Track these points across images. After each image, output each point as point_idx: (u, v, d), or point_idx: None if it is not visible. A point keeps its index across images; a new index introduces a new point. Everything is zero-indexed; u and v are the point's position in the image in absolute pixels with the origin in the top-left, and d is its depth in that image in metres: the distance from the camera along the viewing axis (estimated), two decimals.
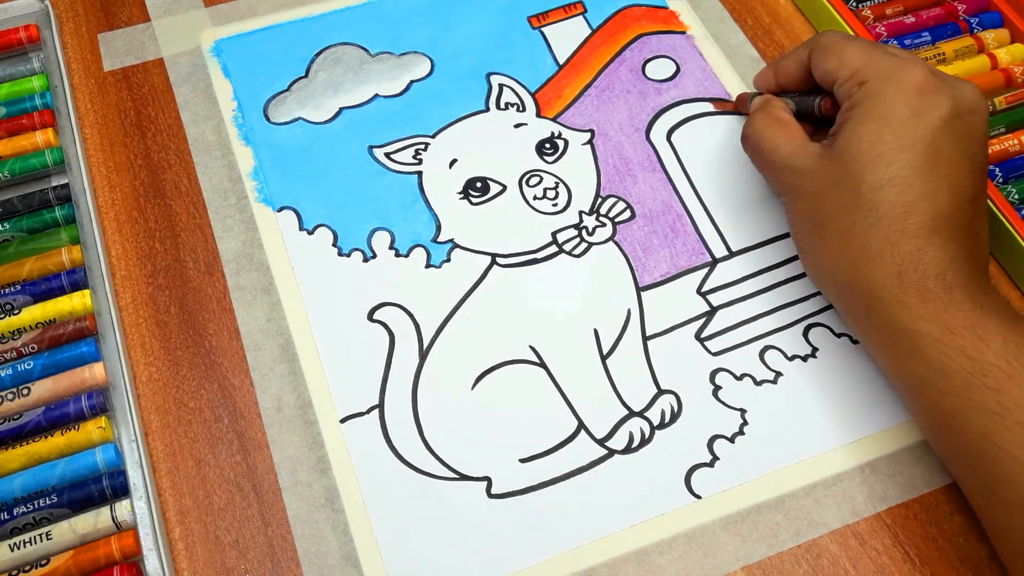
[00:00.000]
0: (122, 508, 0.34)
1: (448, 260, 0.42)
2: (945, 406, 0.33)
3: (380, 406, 0.38)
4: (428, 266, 0.41)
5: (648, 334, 0.40)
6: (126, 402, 0.37)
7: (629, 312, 0.40)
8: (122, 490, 0.35)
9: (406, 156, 0.45)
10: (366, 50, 0.48)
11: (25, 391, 0.37)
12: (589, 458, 0.37)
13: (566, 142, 0.45)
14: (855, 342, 0.40)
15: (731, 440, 0.37)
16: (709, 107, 0.47)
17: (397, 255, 0.42)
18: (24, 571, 0.33)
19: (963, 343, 0.32)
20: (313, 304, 0.40)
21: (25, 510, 0.34)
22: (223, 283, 0.41)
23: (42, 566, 0.33)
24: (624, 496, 0.36)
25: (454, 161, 0.44)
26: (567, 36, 0.49)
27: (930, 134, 0.35)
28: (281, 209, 0.43)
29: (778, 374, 0.39)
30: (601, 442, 0.37)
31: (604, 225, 0.43)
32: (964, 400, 0.32)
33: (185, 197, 0.43)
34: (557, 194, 0.43)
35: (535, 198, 0.43)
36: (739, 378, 0.39)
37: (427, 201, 0.43)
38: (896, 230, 0.34)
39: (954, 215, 0.34)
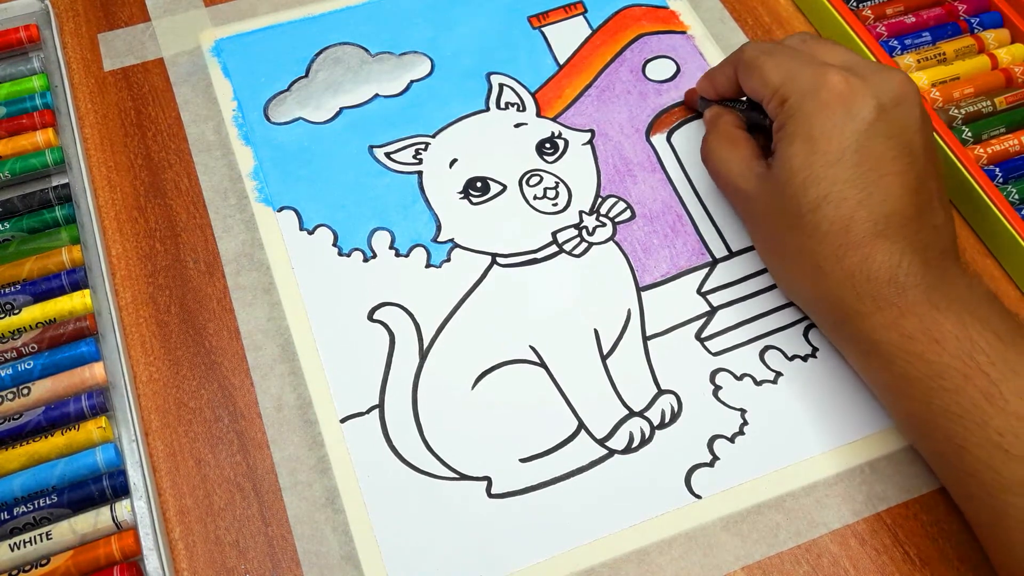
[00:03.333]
0: (122, 508, 0.34)
1: (448, 260, 0.42)
2: (913, 411, 0.34)
3: (380, 406, 0.38)
4: (428, 266, 0.41)
5: (648, 334, 0.40)
6: (126, 402, 0.37)
7: (629, 312, 0.40)
8: (122, 490, 0.35)
9: (406, 156, 0.45)
10: (366, 50, 0.48)
11: (25, 391, 0.37)
12: (589, 458, 0.37)
13: (566, 142, 0.45)
14: None
15: (731, 440, 0.37)
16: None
17: (397, 255, 0.42)
18: (24, 571, 0.33)
19: (920, 348, 0.33)
20: (313, 304, 0.40)
21: (25, 510, 0.34)
22: (223, 283, 0.41)
23: (42, 566, 0.33)
24: (624, 496, 0.36)
25: (454, 161, 0.44)
26: (567, 36, 0.49)
27: (855, 141, 0.35)
28: (281, 209, 0.43)
29: (778, 374, 0.39)
30: (601, 442, 0.37)
31: (604, 225, 0.43)
32: (928, 405, 0.33)
33: (185, 197, 0.43)
34: (557, 194, 0.43)
35: (535, 198, 0.43)
36: (739, 378, 0.39)
37: (427, 201, 0.43)
38: (840, 244, 0.35)
39: (896, 214, 0.34)
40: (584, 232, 0.42)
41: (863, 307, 0.34)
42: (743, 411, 0.38)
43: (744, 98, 0.42)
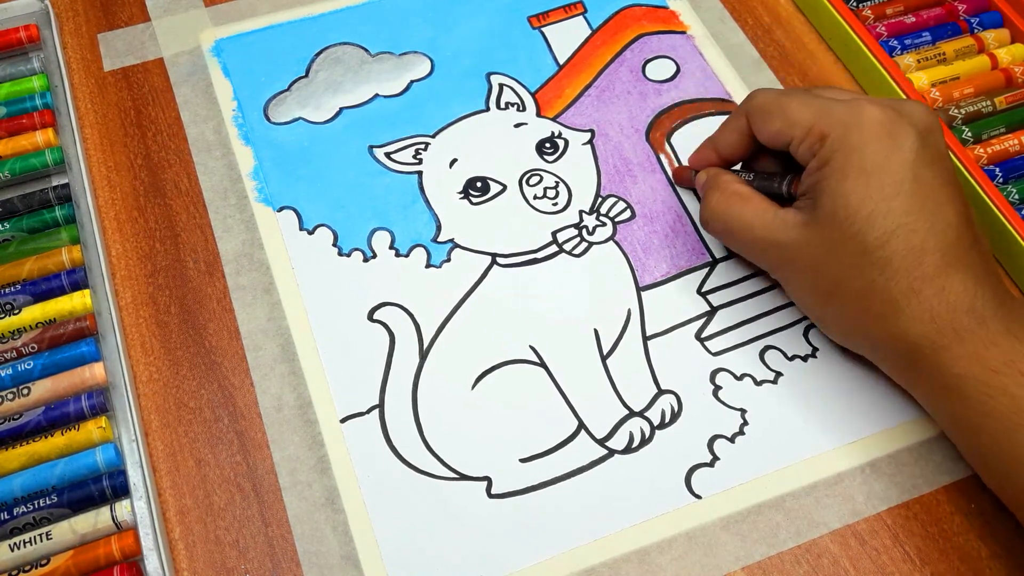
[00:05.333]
0: (122, 508, 0.34)
1: (448, 260, 0.42)
2: (994, 450, 0.33)
3: (380, 406, 0.38)
4: (428, 266, 0.41)
5: (648, 334, 0.40)
6: (126, 402, 0.37)
7: (629, 312, 0.40)
8: (122, 490, 0.35)
9: (406, 156, 0.45)
10: (366, 50, 0.48)
11: (25, 391, 0.37)
12: (589, 458, 0.37)
13: (566, 142, 0.45)
14: None
15: (731, 440, 0.37)
16: (709, 108, 0.47)
17: (397, 255, 0.42)
18: (24, 571, 0.33)
19: (1005, 381, 0.32)
20: (313, 304, 0.40)
21: (25, 510, 0.34)
22: (223, 283, 0.41)
23: (42, 566, 0.33)
24: (624, 496, 0.36)
25: (454, 161, 0.44)
26: (567, 36, 0.49)
27: (910, 171, 0.34)
28: (281, 209, 0.43)
29: (778, 374, 0.39)
30: (601, 442, 0.37)
31: (604, 225, 0.43)
32: (1010, 441, 0.32)
33: (185, 197, 0.43)
34: (557, 193, 0.43)
35: (535, 198, 0.43)
36: (739, 378, 0.39)
37: (427, 201, 0.43)
38: (916, 277, 0.33)
39: (959, 241, 0.34)
40: (584, 232, 0.42)
41: (944, 340, 0.33)
42: (743, 411, 0.38)
43: (748, 171, 0.40)
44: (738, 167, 0.41)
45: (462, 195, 0.43)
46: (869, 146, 0.34)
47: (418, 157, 0.45)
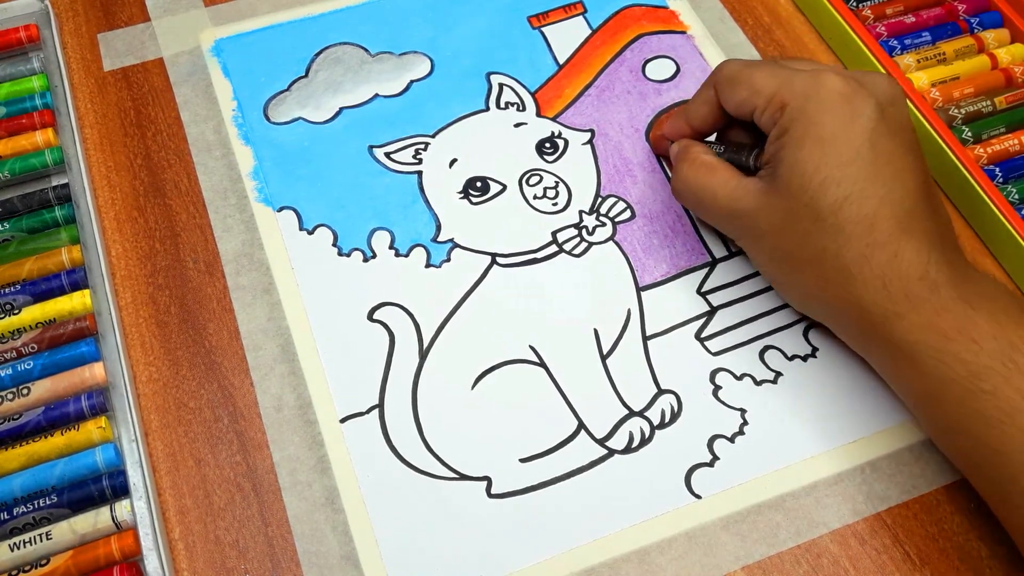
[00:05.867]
0: (122, 508, 0.34)
1: (448, 260, 0.42)
2: (947, 416, 0.33)
3: (380, 406, 0.38)
4: (428, 266, 0.41)
5: (648, 334, 0.40)
6: (126, 402, 0.37)
7: (629, 312, 0.40)
8: (122, 490, 0.35)
9: (406, 156, 0.45)
10: (366, 50, 0.48)
11: (25, 391, 0.37)
12: (589, 458, 0.37)
13: (566, 142, 0.45)
14: None
15: (731, 440, 0.37)
16: None
17: (397, 255, 0.42)
18: (24, 571, 0.33)
19: (957, 348, 0.32)
20: (313, 304, 0.40)
21: (25, 510, 0.34)
22: (223, 283, 0.41)
23: (42, 566, 0.33)
24: (624, 496, 0.36)
25: (454, 161, 0.44)
26: (567, 36, 0.49)
27: (867, 139, 0.34)
28: (281, 209, 0.43)
29: (778, 374, 0.39)
30: (601, 442, 0.37)
31: (604, 225, 0.43)
32: (964, 407, 0.32)
33: (185, 197, 0.43)
34: (557, 193, 0.43)
35: (535, 197, 0.43)
36: (739, 378, 0.39)
37: (427, 201, 0.43)
38: (867, 244, 0.34)
39: (916, 209, 0.34)
40: (584, 232, 0.42)
41: (897, 307, 0.33)
42: (743, 411, 0.38)
43: (719, 143, 0.41)
44: (712, 139, 0.42)
45: (462, 195, 0.43)
46: (827, 114, 0.35)
47: (418, 157, 0.45)
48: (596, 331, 0.40)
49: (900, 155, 0.35)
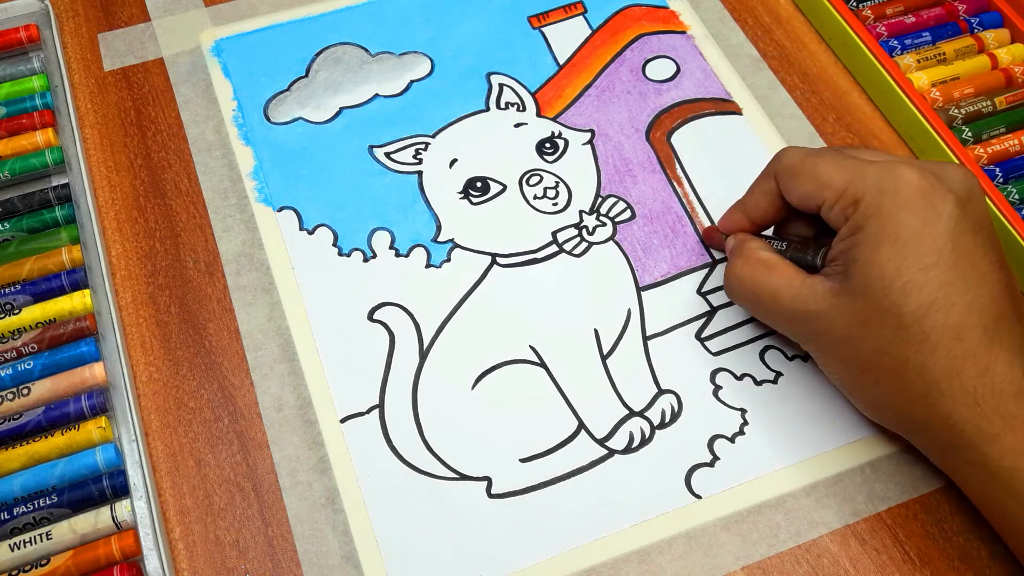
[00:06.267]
0: (122, 508, 0.34)
1: (448, 260, 0.42)
2: None
3: (380, 406, 0.38)
4: (428, 266, 0.41)
5: (648, 334, 0.40)
6: (126, 402, 0.37)
7: (629, 312, 0.40)
8: (122, 490, 0.35)
9: (406, 156, 0.45)
10: (366, 50, 0.48)
11: (25, 391, 0.37)
12: (589, 458, 0.37)
13: (566, 142, 0.45)
14: None
15: (731, 440, 0.37)
16: (709, 108, 0.47)
17: (397, 255, 0.42)
18: (24, 571, 0.33)
19: None
20: (313, 304, 0.40)
21: (25, 510, 0.34)
22: (223, 283, 0.41)
23: (42, 566, 0.33)
24: (624, 496, 0.36)
25: (454, 161, 0.44)
26: (567, 36, 0.49)
27: (950, 240, 0.32)
28: (281, 209, 0.43)
29: (778, 374, 0.39)
30: (601, 442, 0.37)
31: (604, 225, 0.43)
32: None
33: (185, 197, 0.43)
34: (557, 193, 0.43)
35: (535, 197, 0.43)
36: (739, 378, 0.39)
37: (427, 201, 0.43)
38: (956, 356, 0.31)
39: (1003, 316, 0.32)
40: (584, 232, 0.42)
41: (991, 427, 0.31)
42: (743, 411, 0.38)
43: (780, 239, 0.38)
44: (770, 231, 0.40)
45: (462, 195, 0.43)
46: (905, 213, 0.32)
47: (418, 157, 0.45)
48: (596, 331, 0.40)
49: (982, 255, 0.32)
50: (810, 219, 0.38)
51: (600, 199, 0.43)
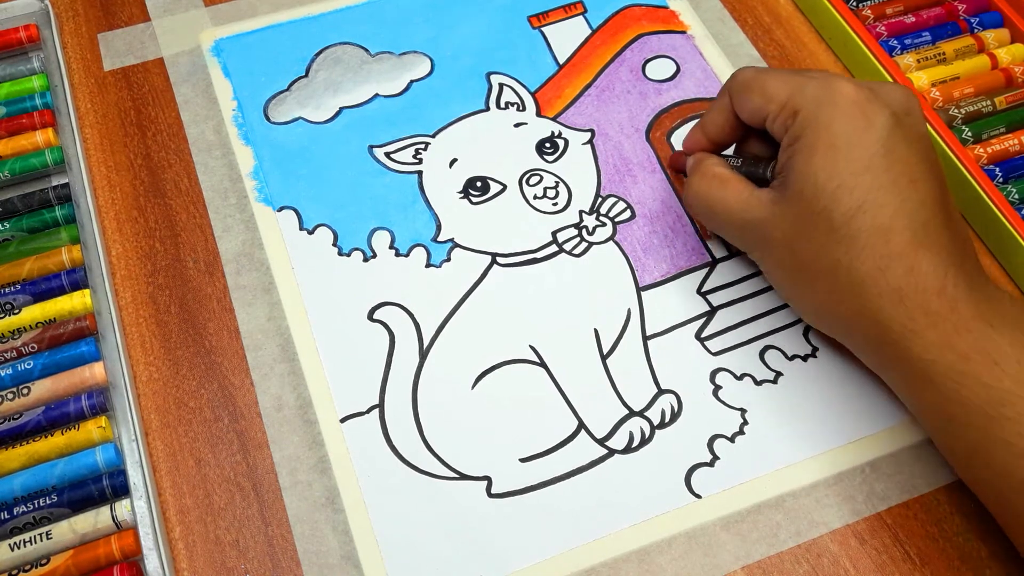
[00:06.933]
0: (122, 508, 0.34)
1: (448, 260, 0.42)
2: (968, 440, 0.32)
3: (380, 406, 0.38)
4: (428, 266, 0.41)
5: (648, 334, 0.40)
6: (126, 402, 0.37)
7: (629, 312, 0.40)
8: (122, 490, 0.35)
9: (406, 156, 0.45)
10: (366, 50, 0.48)
11: (25, 391, 0.37)
12: (589, 458, 0.37)
13: (566, 142, 0.45)
14: None
15: (731, 440, 0.37)
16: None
17: (397, 255, 0.42)
18: (24, 571, 0.33)
19: (978, 370, 0.31)
20: (313, 304, 0.40)
21: (25, 509, 0.34)
22: (223, 283, 0.41)
23: (42, 566, 0.33)
24: (624, 496, 0.36)
25: (454, 160, 0.44)
26: (567, 36, 0.49)
27: (882, 147, 0.33)
28: (281, 209, 0.43)
29: (778, 374, 0.39)
30: (601, 442, 0.37)
31: (604, 225, 0.43)
32: (986, 433, 0.31)
33: (185, 197, 0.43)
34: (557, 193, 0.43)
35: (535, 197, 0.43)
36: (739, 378, 0.39)
37: (427, 201, 0.43)
38: (882, 255, 0.33)
39: (932, 221, 0.33)
40: (584, 232, 0.42)
41: (914, 323, 0.32)
42: (743, 411, 0.38)
43: (736, 157, 0.40)
44: (730, 152, 0.41)
45: (462, 195, 0.43)
46: (840, 121, 0.34)
47: (418, 157, 0.45)
48: (596, 331, 0.40)
49: (915, 165, 0.34)
50: (765, 139, 0.39)
51: (600, 199, 0.43)
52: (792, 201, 0.35)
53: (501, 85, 0.47)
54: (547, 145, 0.45)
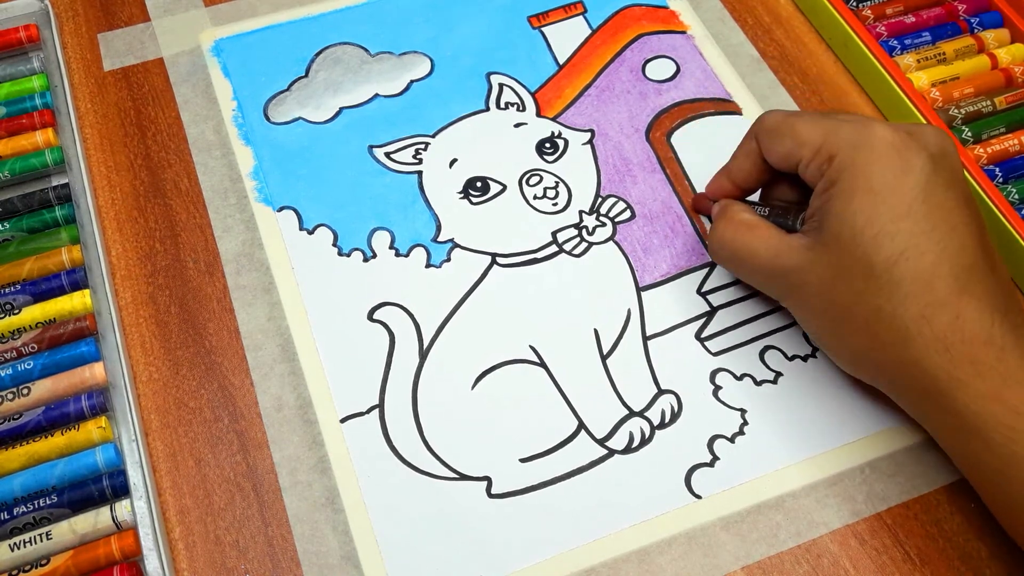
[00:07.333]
0: (122, 508, 0.34)
1: (448, 260, 0.42)
2: (1017, 495, 0.31)
3: (380, 406, 0.38)
4: (428, 266, 0.41)
5: (648, 334, 0.40)
6: (126, 402, 0.37)
7: (629, 312, 0.40)
8: (122, 490, 0.35)
9: (406, 156, 0.45)
10: (366, 50, 0.48)
11: (25, 391, 0.37)
12: (589, 458, 0.37)
13: (566, 142, 0.45)
14: None
15: (731, 440, 0.37)
16: (709, 108, 0.47)
17: (397, 255, 0.42)
18: (24, 571, 0.33)
19: None
20: (313, 304, 0.40)
21: (25, 510, 0.34)
22: (223, 283, 0.41)
23: (42, 566, 0.33)
24: (624, 496, 0.36)
25: (454, 161, 0.44)
26: (567, 36, 0.49)
27: (921, 193, 0.32)
28: (281, 209, 0.43)
29: (778, 374, 0.39)
30: (601, 442, 0.37)
31: (604, 225, 0.43)
32: None
33: (185, 197, 0.43)
34: (557, 193, 0.43)
35: (535, 197, 0.43)
36: (739, 378, 0.39)
37: (427, 201, 0.43)
38: (926, 304, 0.32)
39: (975, 268, 0.32)
40: (584, 232, 0.42)
41: (960, 373, 0.31)
42: (743, 411, 0.38)
43: (763, 205, 0.39)
44: (755, 197, 0.41)
45: (462, 195, 0.43)
46: (877, 166, 0.33)
47: (418, 157, 0.45)
48: (596, 331, 0.40)
49: (954, 207, 0.33)
50: (793, 184, 0.38)
51: (600, 199, 0.43)
52: (828, 247, 0.34)
53: (501, 85, 0.47)
54: (547, 145, 0.45)
